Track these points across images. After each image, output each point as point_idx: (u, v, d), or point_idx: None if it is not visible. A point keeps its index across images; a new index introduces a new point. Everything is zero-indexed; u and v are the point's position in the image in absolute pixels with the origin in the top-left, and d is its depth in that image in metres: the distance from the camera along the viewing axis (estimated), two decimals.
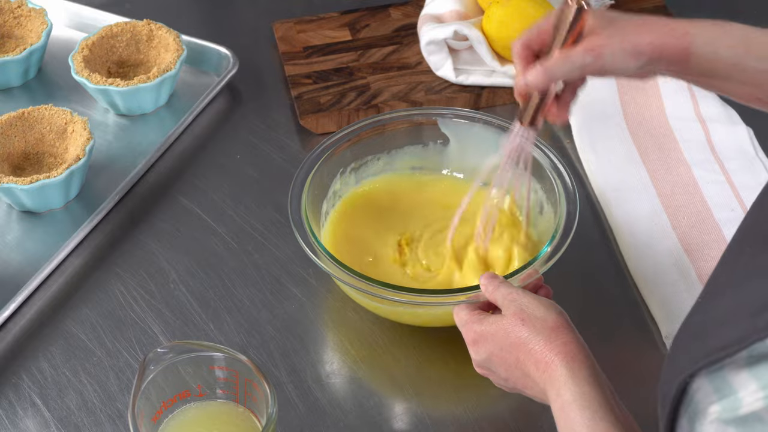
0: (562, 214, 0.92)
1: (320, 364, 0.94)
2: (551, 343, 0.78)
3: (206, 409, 0.85)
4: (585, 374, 0.76)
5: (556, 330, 0.79)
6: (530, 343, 0.79)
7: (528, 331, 0.79)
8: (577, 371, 0.76)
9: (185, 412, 0.84)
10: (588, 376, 0.76)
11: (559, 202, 0.93)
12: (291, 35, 1.26)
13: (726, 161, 1.09)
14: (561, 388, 0.75)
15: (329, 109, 1.16)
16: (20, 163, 1.10)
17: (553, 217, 0.94)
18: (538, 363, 0.78)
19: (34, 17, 1.22)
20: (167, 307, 0.99)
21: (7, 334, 0.97)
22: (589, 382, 0.75)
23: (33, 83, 1.22)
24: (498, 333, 0.81)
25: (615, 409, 0.74)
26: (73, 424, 0.90)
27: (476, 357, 0.84)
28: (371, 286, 0.87)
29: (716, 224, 1.03)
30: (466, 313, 0.86)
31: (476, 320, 0.84)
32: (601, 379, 0.76)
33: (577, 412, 0.73)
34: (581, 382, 0.75)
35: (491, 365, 0.83)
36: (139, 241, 1.05)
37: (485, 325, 0.83)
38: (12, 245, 1.04)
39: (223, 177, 1.12)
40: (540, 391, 0.79)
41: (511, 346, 0.80)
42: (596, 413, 0.73)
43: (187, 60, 1.22)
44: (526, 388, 0.81)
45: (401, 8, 1.30)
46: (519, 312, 0.81)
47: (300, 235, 0.91)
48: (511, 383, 0.83)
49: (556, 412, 0.76)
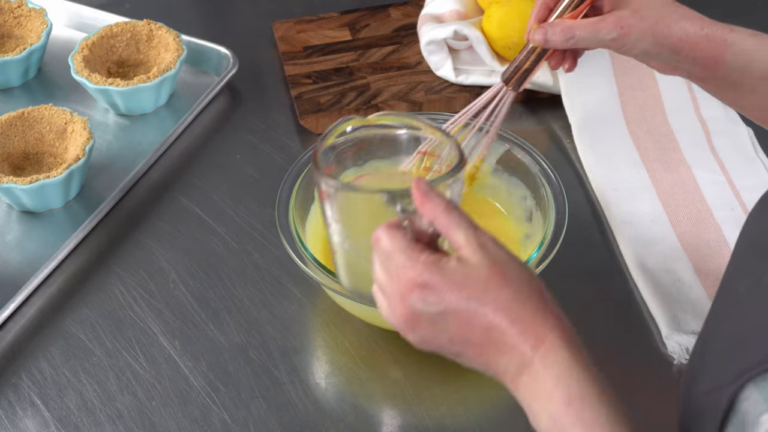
0: (551, 221, 0.92)
1: (320, 364, 0.94)
2: (545, 313, 0.64)
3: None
4: (587, 361, 0.64)
5: (544, 298, 0.65)
6: (516, 308, 0.64)
7: (513, 292, 0.64)
8: (578, 356, 0.64)
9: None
10: (591, 364, 0.65)
11: (549, 209, 0.93)
12: (291, 35, 1.26)
13: (726, 161, 1.09)
14: (563, 375, 0.63)
15: (329, 109, 1.16)
16: (20, 163, 1.10)
17: (542, 223, 0.94)
18: (525, 335, 0.64)
19: (34, 17, 1.22)
20: (167, 307, 0.98)
21: (6, 334, 0.97)
22: (594, 371, 0.64)
23: (33, 83, 1.22)
24: (468, 285, 0.64)
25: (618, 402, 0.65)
26: (72, 424, 0.90)
27: (421, 307, 0.65)
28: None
29: (716, 224, 1.03)
30: (404, 247, 0.66)
31: (431, 262, 0.65)
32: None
33: (588, 410, 0.62)
34: (586, 369, 0.64)
35: (439, 324, 0.66)
36: (139, 241, 1.05)
37: (446, 272, 0.65)
38: (12, 245, 1.04)
39: (223, 177, 1.12)
40: (514, 367, 0.65)
41: (485, 308, 0.64)
42: (613, 410, 0.63)
43: (187, 60, 1.22)
44: (483, 359, 0.66)
45: (401, 8, 1.30)
46: (497, 264, 0.65)
47: (286, 240, 0.91)
48: (458, 349, 0.66)
49: (548, 401, 0.63)
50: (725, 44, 0.77)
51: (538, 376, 0.64)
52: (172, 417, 0.90)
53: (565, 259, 0.90)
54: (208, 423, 0.89)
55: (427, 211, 0.67)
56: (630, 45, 0.79)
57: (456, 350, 0.67)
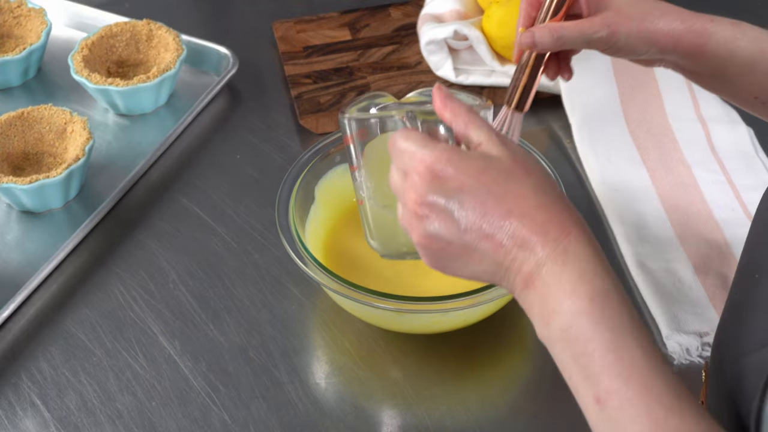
0: None
1: (320, 364, 0.94)
2: (568, 208, 0.62)
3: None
4: (608, 264, 0.61)
5: (564, 195, 0.63)
6: (540, 198, 0.61)
7: (536, 182, 0.61)
8: (601, 255, 0.61)
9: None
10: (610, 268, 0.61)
11: None
12: (291, 35, 1.26)
13: (726, 161, 1.09)
14: (587, 270, 0.60)
15: (329, 109, 1.16)
16: (20, 163, 1.10)
17: None
18: (550, 225, 0.60)
19: (33, 17, 1.22)
20: (167, 307, 0.98)
21: (6, 334, 0.97)
22: (615, 275, 0.61)
23: (32, 83, 1.22)
24: (489, 170, 0.61)
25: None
26: (72, 425, 0.90)
27: (436, 196, 0.62)
28: (354, 291, 0.87)
29: (716, 224, 1.03)
30: (421, 138, 0.63)
31: (450, 148, 0.63)
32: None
33: (612, 308, 0.59)
34: (609, 270, 0.60)
35: (454, 213, 0.62)
36: (138, 241, 1.05)
37: (467, 158, 0.62)
38: (11, 245, 1.04)
39: (223, 177, 1.11)
40: (533, 262, 0.60)
41: (506, 194, 0.61)
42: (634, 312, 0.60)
43: (187, 60, 1.22)
44: (497, 254, 0.61)
45: (401, 8, 1.30)
46: (518, 157, 0.63)
47: (286, 240, 0.91)
48: (471, 241, 0.62)
49: (570, 297, 0.59)
50: (708, 34, 0.79)
51: (561, 269, 0.60)
52: (172, 417, 0.89)
53: None
54: (208, 423, 0.89)
55: (447, 111, 0.66)
56: (618, 43, 0.80)
57: (468, 244, 0.62)
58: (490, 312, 0.92)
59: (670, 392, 0.57)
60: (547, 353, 0.95)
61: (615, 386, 0.58)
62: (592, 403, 0.59)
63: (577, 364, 0.59)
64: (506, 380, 0.95)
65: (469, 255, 0.63)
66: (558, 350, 0.61)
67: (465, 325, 0.92)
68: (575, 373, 0.60)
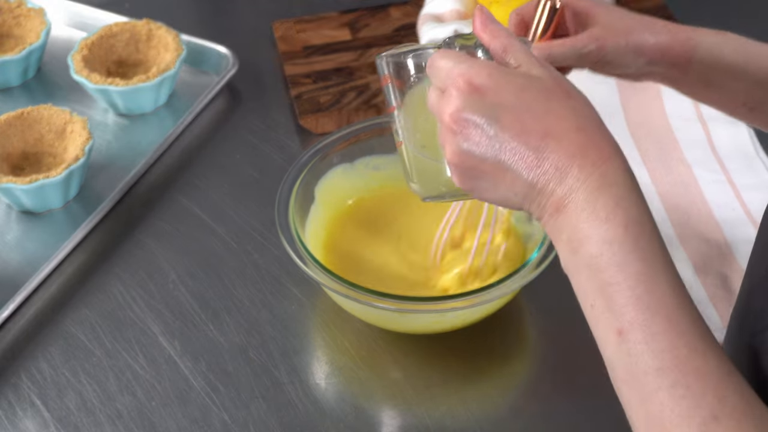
0: None
1: (320, 364, 0.94)
2: (608, 134, 0.60)
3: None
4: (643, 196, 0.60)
5: (605, 127, 0.60)
6: (581, 120, 0.59)
7: (576, 105, 0.60)
8: (637, 184, 0.59)
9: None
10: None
11: None
12: (291, 35, 1.26)
13: (726, 161, 1.09)
14: (625, 198, 0.58)
15: (329, 109, 1.16)
16: (19, 163, 1.10)
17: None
18: (589, 148, 0.58)
19: (33, 17, 1.22)
20: (167, 307, 0.98)
21: (6, 334, 0.97)
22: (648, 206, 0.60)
23: (32, 83, 1.22)
24: (530, 88, 0.60)
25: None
26: (72, 425, 0.90)
27: (473, 105, 0.60)
28: (354, 291, 0.87)
29: (716, 224, 1.03)
30: (461, 55, 0.63)
31: (491, 64, 0.62)
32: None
33: (646, 238, 0.58)
34: (644, 200, 0.59)
35: (491, 126, 0.60)
36: (138, 241, 1.05)
37: (508, 74, 0.61)
38: (11, 245, 1.04)
39: (223, 177, 1.11)
40: (567, 186, 0.59)
41: (546, 113, 0.59)
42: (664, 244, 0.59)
43: (187, 60, 1.22)
44: (531, 173, 0.59)
45: (401, 8, 1.30)
46: (560, 79, 0.61)
47: (286, 240, 0.91)
48: (506, 159, 0.60)
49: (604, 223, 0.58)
50: (693, 43, 0.80)
51: (597, 195, 0.58)
52: (171, 417, 0.89)
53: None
54: (208, 423, 0.89)
55: (487, 33, 0.64)
56: (607, 56, 0.81)
57: (501, 163, 0.60)
58: (490, 312, 0.92)
59: (695, 332, 0.56)
60: (547, 353, 0.95)
61: (641, 319, 0.57)
62: (614, 335, 0.58)
63: (603, 294, 0.58)
64: (506, 380, 0.94)
65: (502, 175, 0.61)
66: (583, 279, 0.59)
67: (465, 325, 0.92)
68: (599, 304, 0.58)
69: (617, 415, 0.89)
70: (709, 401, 0.55)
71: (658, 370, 0.56)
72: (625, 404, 0.59)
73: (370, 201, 1.02)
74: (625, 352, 0.57)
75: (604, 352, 0.60)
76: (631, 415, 0.59)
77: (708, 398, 0.55)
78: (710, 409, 0.55)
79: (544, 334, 0.97)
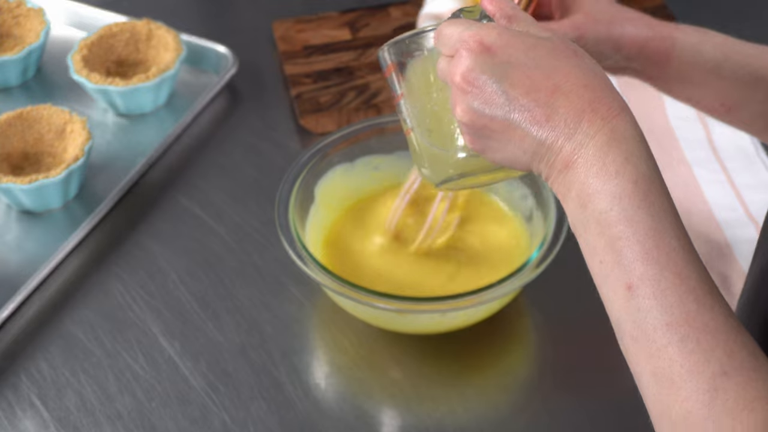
0: (552, 220, 0.92)
1: (320, 364, 0.94)
2: (617, 94, 0.60)
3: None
4: (651, 152, 0.61)
5: (612, 85, 0.61)
6: (589, 77, 0.60)
7: (584, 64, 0.61)
8: (645, 141, 0.60)
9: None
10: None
11: (549, 208, 0.93)
12: (291, 35, 1.26)
13: (727, 161, 1.09)
14: (634, 153, 0.59)
15: (329, 109, 1.16)
16: (19, 163, 1.10)
17: (543, 223, 0.94)
18: (597, 103, 0.59)
19: (32, 16, 1.22)
20: (167, 307, 0.98)
21: (5, 334, 0.97)
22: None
23: (31, 83, 1.22)
24: (538, 47, 0.61)
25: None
26: (72, 425, 0.89)
27: (483, 64, 0.61)
28: (354, 291, 0.87)
29: (717, 224, 1.02)
30: (469, 21, 0.64)
31: (497, 25, 0.63)
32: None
33: (655, 192, 0.58)
34: (653, 156, 0.60)
35: (500, 84, 0.60)
36: (138, 241, 1.05)
37: (517, 34, 0.61)
38: (11, 245, 1.04)
39: (223, 177, 1.11)
40: (576, 141, 0.59)
41: (555, 70, 0.60)
42: (672, 201, 0.59)
43: (187, 60, 1.22)
44: (540, 129, 0.60)
45: (401, 7, 1.30)
46: (566, 41, 0.62)
47: (286, 240, 0.91)
48: (514, 117, 0.60)
49: (614, 178, 0.58)
50: (672, 39, 0.80)
51: (607, 149, 0.59)
52: (171, 418, 0.89)
53: (565, 259, 0.90)
54: (207, 423, 0.89)
55: (493, 4, 0.65)
56: (586, 46, 0.80)
57: (511, 120, 0.60)
58: (490, 312, 0.92)
59: (703, 287, 0.57)
60: (547, 353, 0.95)
61: (650, 273, 0.57)
62: (623, 290, 0.58)
63: (612, 248, 0.58)
64: (506, 380, 0.94)
65: (511, 132, 0.61)
66: (592, 235, 0.59)
67: (465, 325, 0.92)
68: (609, 259, 0.58)
69: (617, 415, 0.90)
70: (718, 356, 0.55)
71: (668, 325, 0.56)
72: (632, 361, 0.59)
73: (370, 201, 1.02)
74: (635, 308, 0.57)
75: (612, 310, 0.59)
76: (638, 372, 0.58)
77: (717, 353, 0.55)
78: (720, 364, 0.55)
79: (544, 334, 0.97)
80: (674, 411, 0.56)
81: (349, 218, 1.01)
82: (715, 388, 0.54)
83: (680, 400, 0.55)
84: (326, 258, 0.97)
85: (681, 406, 0.55)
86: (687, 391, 0.55)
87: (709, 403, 0.54)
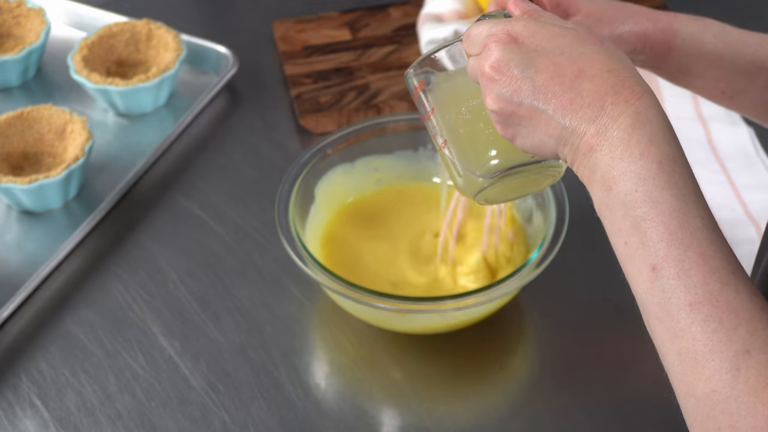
0: (552, 220, 0.92)
1: (320, 364, 0.94)
2: (640, 79, 0.61)
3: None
4: (675, 133, 0.62)
5: (636, 71, 0.62)
6: (613, 63, 0.61)
7: (609, 51, 0.62)
8: (669, 123, 0.62)
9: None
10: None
11: (549, 208, 0.93)
12: (291, 35, 1.26)
13: (727, 161, 1.09)
14: (658, 134, 0.60)
15: (329, 109, 1.16)
16: (19, 163, 1.10)
17: (543, 223, 0.94)
18: (621, 87, 0.60)
19: (32, 16, 1.22)
20: (167, 307, 0.98)
21: (5, 334, 0.97)
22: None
23: (32, 83, 1.22)
24: (564, 35, 0.62)
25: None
26: (72, 425, 0.89)
27: (510, 53, 0.62)
28: (354, 291, 0.87)
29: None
30: (495, 19, 0.65)
31: (523, 18, 0.65)
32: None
33: (679, 174, 0.59)
34: (677, 138, 0.61)
35: (527, 70, 0.62)
36: (138, 241, 1.05)
37: (544, 24, 0.63)
38: (11, 245, 1.04)
39: (223, 177, 1.11)
40: (601, 124, 0.60)
41: (580, 56, 0.61)
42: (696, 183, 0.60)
43: (187, 60, 1.22)
44: (565, 113, 0.61)
45: (401, 7, 1.30)
46: (592, 33, 0.64)
47: (286, 240, 0.91)
48: (540, 103, 0.62)
49: (638, 160, 0.59)
50: (673, 30, 0.80)
51: (631, 131, 0.59)
52: (171, 417, 0.89)
53: (565, 259, 0.90)
54: (207, 423, 0.89)
55: (518, 7, 0.66)
56: None
57: (537, 105, 0.62)
58: (490, 312, 0.92)
59: (727, 267, 0.57)
60: (547, 353, 0.95)
61: (674, 254, 0.57)
62: (648, 271, 0.59)
63: (637, 230, 0.59)
64: (506, 380, 0.94)
65: (538, 117, 0.62)
66: (617, 216, 0.60)
67: (465, 325, 0.92)
68: (633, 240, 0.59)
69: (617, 415, 0.90)
70: (741, 335, 0.55)
71: (691, 305, 0.57)
72: (658, 342, 0.59)
73: (370, 201, 1.02)
74: (659, 288, 0.58)
75: (637, 290, 0.60)
76: (664, 352, 0.59)
77: (740, 332, 0.55)
78: (742, 342, 0.55)
79: (543, 334, 0.97)
80: (699, 390, 0.56)
81: (349, 218, 1.01)
82: (737, 367, 0.55)
83: (704, 380, 0.56)
84: (326, 258, 0.97)
85: (705, 385, 0.56)
86: (710, 371, 0.55)
87: (732, 381, 0.55)
